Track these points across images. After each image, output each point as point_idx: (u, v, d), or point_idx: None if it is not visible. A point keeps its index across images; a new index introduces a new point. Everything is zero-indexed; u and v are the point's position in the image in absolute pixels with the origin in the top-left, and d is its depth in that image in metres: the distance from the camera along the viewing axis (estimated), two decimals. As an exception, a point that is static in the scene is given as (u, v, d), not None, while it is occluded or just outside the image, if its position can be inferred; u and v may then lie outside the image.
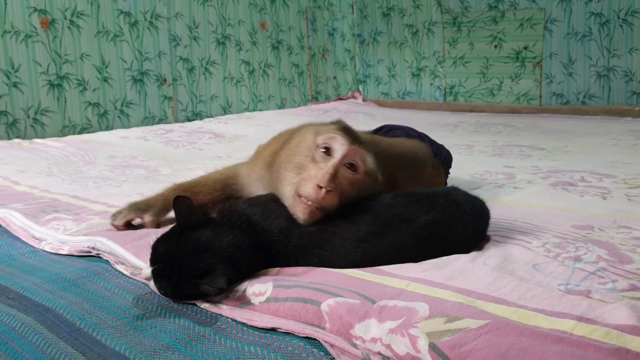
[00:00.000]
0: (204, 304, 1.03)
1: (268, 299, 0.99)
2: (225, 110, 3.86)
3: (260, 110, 4.04)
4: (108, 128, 3.21)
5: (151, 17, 3.39)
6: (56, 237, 1.40)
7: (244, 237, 1.07)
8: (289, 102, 4.32)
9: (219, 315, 1.00)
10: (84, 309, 1.02)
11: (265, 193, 1.28)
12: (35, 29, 2.89)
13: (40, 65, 2.92)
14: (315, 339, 0.90)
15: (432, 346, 0.79)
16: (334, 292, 0.95)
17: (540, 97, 3.99)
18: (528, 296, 0.93)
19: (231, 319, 0.98)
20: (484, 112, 4.02)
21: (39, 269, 1.24)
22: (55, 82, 2.98)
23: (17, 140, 2.73)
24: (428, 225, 1.13)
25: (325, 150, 1.14)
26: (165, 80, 3.49)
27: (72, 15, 3.03)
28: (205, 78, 3.73)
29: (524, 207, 1.54)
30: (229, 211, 1.15)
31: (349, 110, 4.08)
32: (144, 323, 0.97)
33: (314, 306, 0.93)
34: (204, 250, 1.03)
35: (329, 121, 1.32)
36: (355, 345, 0.86)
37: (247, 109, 3.99)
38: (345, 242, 1.09)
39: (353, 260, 1.08)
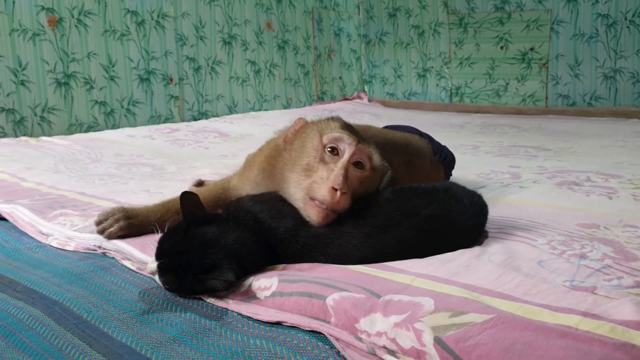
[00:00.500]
0: (210, 298, 1.04)
1: (273, 293, 0.99)
2: (231, 109, 3.86)
3: (265, 110, 4.05)
4: (115, 127, 3.22)
5: (158, 16, 3.40)
6: (63, 233, 1.41)
7: (250, 234, 1.08)
8: (295, 102, 4.32)
9: (225, 309, 1.01)
10: (90, 302, 1.03)
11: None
12: (43, 27, 2.91)
13: (48, 63, 2.93)
14: (320, 333, 0.90)
15: (437, 340, 0.80)
16: (339, 286, 0.95)
17: (546, 98, 3.99)
18: (533, 292, 0.93)
19: (237, 312, 0.99)
20: (489, 113, 4.01)
21: (46, 264, 1.25)
22: (63, 81, 2.99)
23: (24, 138, 2.74)
24: (428, 219, 1.13)
25: (332, 150, 1.14)
26: (171, 79, 3.50)
27: (79, 14, 3.04)
28: (211, 77, 3.74)
29: (530, 205, 1.53)
30: (235, 208, 1.15)
31: (354, 111, 4.08)
32: (150, 316, 0.98)
33: (320, 300, 0.93)
34: (210, 246, 1.03)
35: (325, 117, 1.30)
36: (360, 339, 0.86)
37: (252, 109, 4.00)
38: (352, 239, 1.09)
39: (360, 255, 1.08)
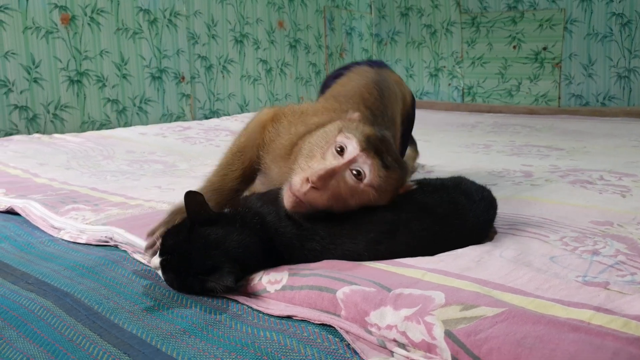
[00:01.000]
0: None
1: (284, 287, 0.99)
2: (242, 108, 3.87)
3: (277, 108, 4.04)
4: (127, 124, 3.23)
5: (170, 14, 3.42)
6: (75, 226, 1.41)
7: (256, 238, 1.06)
8: (306, 101, 4.32)
9: (235, 302, 1.01)
10: (101, 294, 1.03)
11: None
12: (56, 25, 2.92)
13: (61, 61, 2.95)
14: (330, 326, 0.90)
15: (448, 333, 0.79)
16: (349, 280, 0.95)
17: (559, 98, 3.96)
18: (545, 287, 0.92)
19: (247, 306, 0.99)
20: (502, 113, 3.99)
21: (58, 257, 1.25)
22: (75, 78, 3.01)
23: (37, 135, 2.76)
24: (440, 220, 1.12)
25: (340, 150, 1.12)
26: (183, 77, 3.51)
27: (92, 12, 3.06)
28: (223, 76, 3.75)
29: (542, 203, 1.52)
30: (242, 208, 1.13)
31: (365, 110, 4.07)
32: (160, 308, 0.98)
33: (330, 294, 0.93)
34: (213, 248, 1.02)
35: (369, 127, 1.20)
36: (370, 332, 0.86)
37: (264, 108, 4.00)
38: (357, 246, 1.07)
39: (368, 259, 1.07)
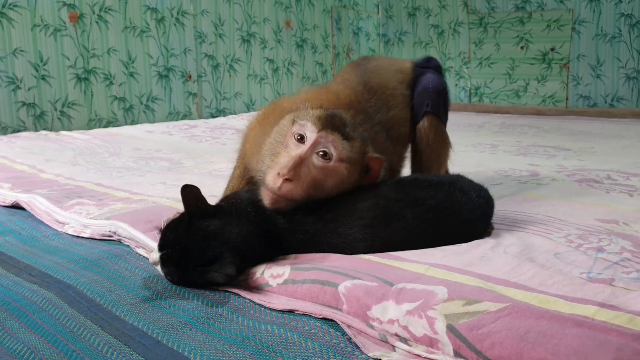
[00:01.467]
0: (222, 286, 1.03)
1: (286, 280, 0.99)
2: (249, 107, 3.87)
3: (283, 108, 4.04)
4: (133, 122, 3.24)
5: (177, 13, 3.42)
6: (79, 221, 1.42)
7: (252, 226, 1.07)
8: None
9: (237, 295, 1.00)
10: (104, 287, 1.03)
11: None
12: (64, 23, 2.94)
13: (68, 59, 2.96)
14: (332, 320, 0.90)
15: (450, 327, 0.79)
16: (351, 274, 0.94)
17: (567, 99, 3.94)
18: (549, 283, 0.92)
19: (249, 299, 0.98)
20: (509, 114, 3.97)
21: (62, 250, 1.26)
22: (83, 76, 3.02)
23: (44, 132, 2.77)
24: (433, 208, 1.13)
25: (300, 138, 1.12)
26: (190, 76, 3.52)
27: (100, 10, 3.07)
28: (230, 75, 3.76)
29: (547, 200, 1.51)
30: (235, 200, 1.14)
31: (372, 110, 4.07)
32: (162, 301, 0.98)
33: (332, 288, 0.93)
34: (212, 239, 1.03)
35: (317, 109, 1.21)
36: (372, 327, 0.85)
37: (270, 107, 4.00)
38: (352, 230, 1.08)
39: (364, 245, 1.08)
